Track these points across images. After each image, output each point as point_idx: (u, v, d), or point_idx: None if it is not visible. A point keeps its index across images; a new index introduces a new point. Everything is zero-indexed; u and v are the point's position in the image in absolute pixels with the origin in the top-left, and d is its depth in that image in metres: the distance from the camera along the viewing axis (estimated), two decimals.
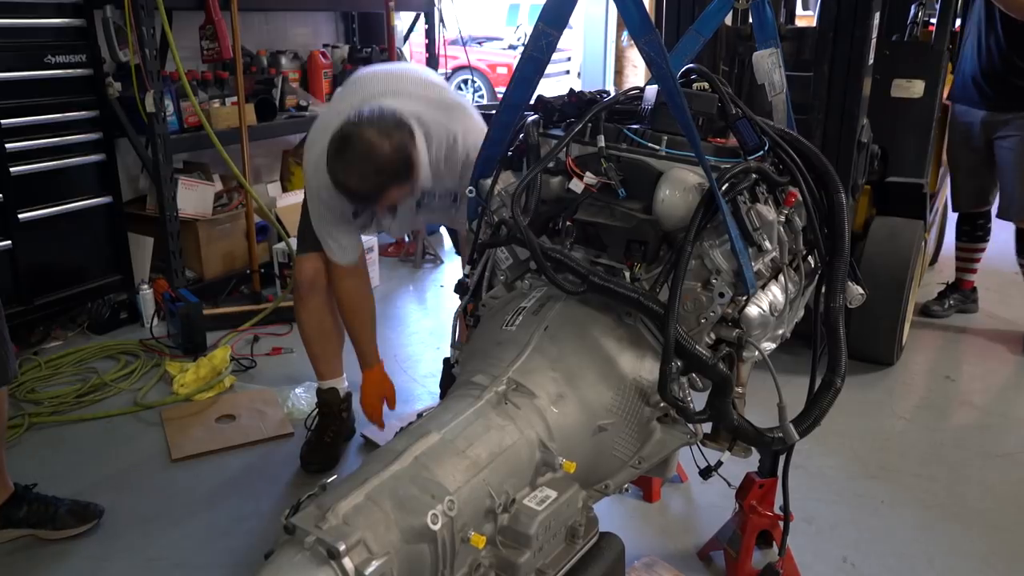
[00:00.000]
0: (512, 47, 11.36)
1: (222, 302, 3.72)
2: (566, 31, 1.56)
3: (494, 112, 1.69)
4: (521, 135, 1.72)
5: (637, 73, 8.45)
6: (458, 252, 2.74)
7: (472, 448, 1.30)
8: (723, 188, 1.46)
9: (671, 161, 1.57)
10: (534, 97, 1.71)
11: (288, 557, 1.09)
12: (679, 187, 1.52)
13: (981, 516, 2.27)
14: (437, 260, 4.52)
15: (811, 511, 2.25)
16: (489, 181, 1.72)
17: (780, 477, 1.87)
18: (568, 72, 9.67)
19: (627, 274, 1.55)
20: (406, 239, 4.58)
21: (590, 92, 1.75)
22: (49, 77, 3.10)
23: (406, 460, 1.23)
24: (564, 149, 1.61)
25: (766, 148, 1.61)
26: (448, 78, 3.46)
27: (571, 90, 1.72)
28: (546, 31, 1.54)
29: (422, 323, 3.74)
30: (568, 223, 1.63)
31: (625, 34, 8.36)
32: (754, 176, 1.53)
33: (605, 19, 8.22)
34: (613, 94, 1.74)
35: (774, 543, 1.99)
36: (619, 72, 8.58)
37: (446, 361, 1.84)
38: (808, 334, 1.78)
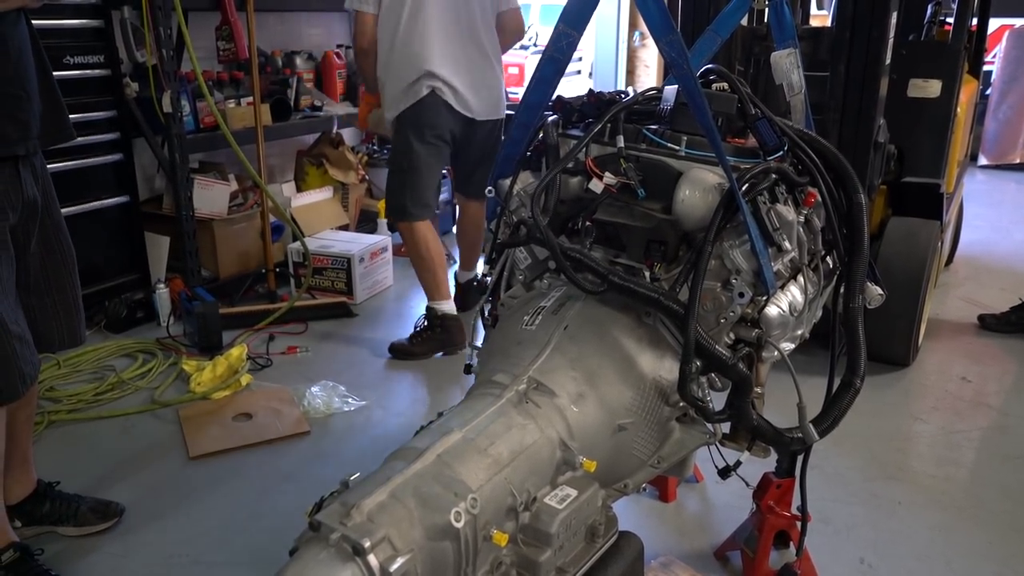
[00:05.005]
0: (524, 47, 11.35)
1: (237, 301, 3.75)
2: None
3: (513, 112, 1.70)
4: (540, 135, 1.72)
5: (649, 73, 8.44)
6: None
7: (494, 446, 1.30)
8: (743, 188, 1.46)
9: (690, 161, 1.57)
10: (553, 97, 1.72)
11: (313, 553, 1.10)
12: (699, 187, 1.52)
13: (999, 518, 2.26)
14: (450, 260, 4.53)
15: (828, 512, 2.24)
16: (508, 181, 1.73)
17: (798, 477, 1.87)
18: (580, 72, 9.67)
19: (647, 274, 1.56)
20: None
21: (609, 92, 1.75)
22: (68, 78, 3.12)
23: (429, 458, 1.24)
24: (583, 149, 1.62)
25: (785, 148, 1.61)
26: None
27: (590, 90, 1.73)
28: (566, 32, 1.55)
29: None
30: (588, 223, 1.63)
31: (637, 34, 8.35)
32: (774, 176, 1.53)
33: (617, 19, 8.22)
34: (631, 94, 1.74)
35: (791, 543, 1.99)
36: (631, 72, 8.58)
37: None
38: (824, 334, 1.78)
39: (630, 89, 2.00)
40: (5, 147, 1.71)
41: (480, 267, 3.60)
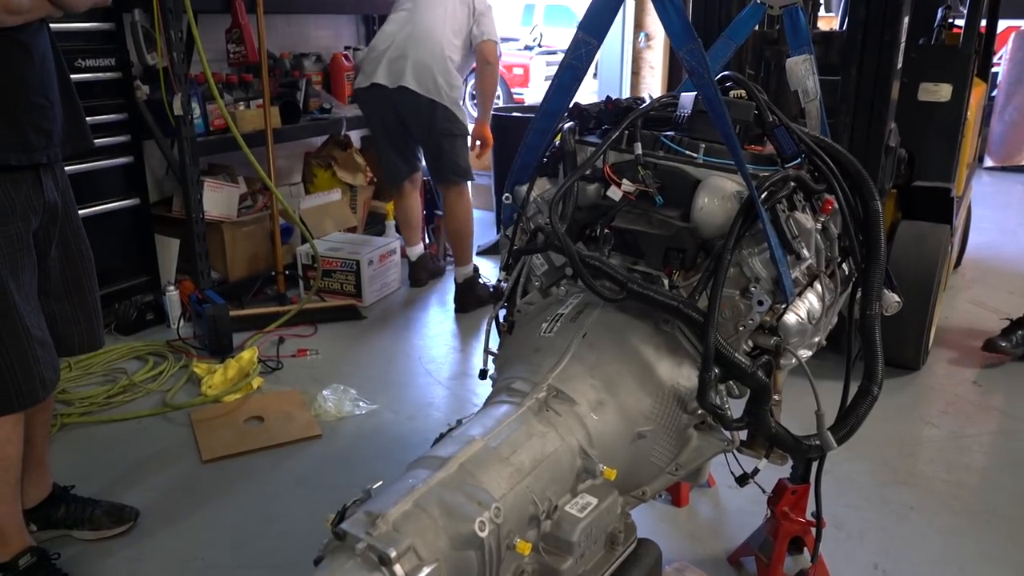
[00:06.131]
0: (528, 48, 11.36)
1: (247, 303, 3.75)
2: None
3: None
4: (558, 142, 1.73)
5: (654, 74, 8.43)
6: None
7: (516, 455, 1.31)
8: (762, 196, 1.46)
9: (708, 169, 1.57)
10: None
11: (340, 563, 1.10)
12: (718, 195, 1.52)
13: (1011, 523, 2.26)
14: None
15: (840, 517, 2.24)
16: (525, 188, 1.73)
17: (813, 483, 1.87)
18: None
19: (666, 282, 1.56)
20: (426, 239, 4.59)
21: (626, 99, 1.75)
22: (79, 81, 3.10)
23: (452, 467, 1.24)
24: (601, 156, 1.62)
25: (802, 156, 1.61)
26: (466, 80, 3.79)
27: (608, 97, 1.73)
28: (585, 39, 1.55)
29: (444, 324, 3.76)
30: (606, 230, 1.63)
31: (642, 35, 8.35)
32: (792, 184, 1.54)
33: (622, 20, 8.21)
34: (648, 101, 1.74)
35: (805, 549, 1.99)
36: (636, 73, 8.57)
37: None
38: (836, 338, 1.79)
39: (646, 96, 2.03)
40: (29, 155, 1.72)
41: (471, 267, 3.91)
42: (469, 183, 3.90)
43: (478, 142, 3.89)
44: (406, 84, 3.53)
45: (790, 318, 1.53)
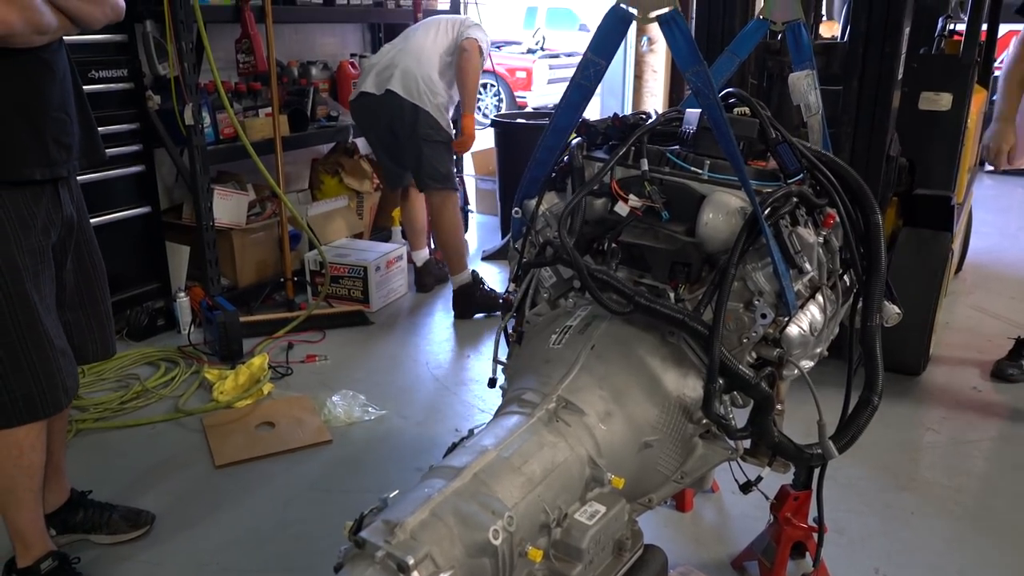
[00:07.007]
0: (531, 51, 11.40)
1: (256, 309, 3.80)
2: (584, 34, 1.61)
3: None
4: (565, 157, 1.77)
5: (657, 78, 8.47)
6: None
7: (527, 465, 1.35)
8: (766, 212, 1.50)
9: (713, 184, 1.62)
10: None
11: (359, 571, 1.15)
12: (722, 210, 1.56)
13: (1012, 528, 2.30)
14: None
15: (842, 522, 2.28)
16: (534, 202, 1.77)
17: (814, 489, 1.92)
18: None
19: (671, 295, 1.60)
20: (431, 245, 4.64)
21: (632, 115, 1.80)
22: (92, 91, 3.17)
23: (466, 477, 1.29)
24: (608, 172, 1.66)
25: (804, 171, 1.65)
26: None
27: (615, 114, 1.77)
28: (594, 60, 1.59)
29: (449, 330, 3.80)
30: (613, 244, 1.68)
31: (645, 39, 8.39)
32: (795, 200, 1.58)
33: None
34: (653, 117, 1.79)
35: (807, 554, 2.03)
36: (639, 76, 8.61)
37: None
38: (838, 347, 1.83)
39: (652, 111, 2.07)
40: (52, 169, 1.77)
41: (467, 275, 3.92)
42: (456, 193, 3.88)
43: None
44: (392, 88, 3.65)
45: (792, 330, 1.57)
